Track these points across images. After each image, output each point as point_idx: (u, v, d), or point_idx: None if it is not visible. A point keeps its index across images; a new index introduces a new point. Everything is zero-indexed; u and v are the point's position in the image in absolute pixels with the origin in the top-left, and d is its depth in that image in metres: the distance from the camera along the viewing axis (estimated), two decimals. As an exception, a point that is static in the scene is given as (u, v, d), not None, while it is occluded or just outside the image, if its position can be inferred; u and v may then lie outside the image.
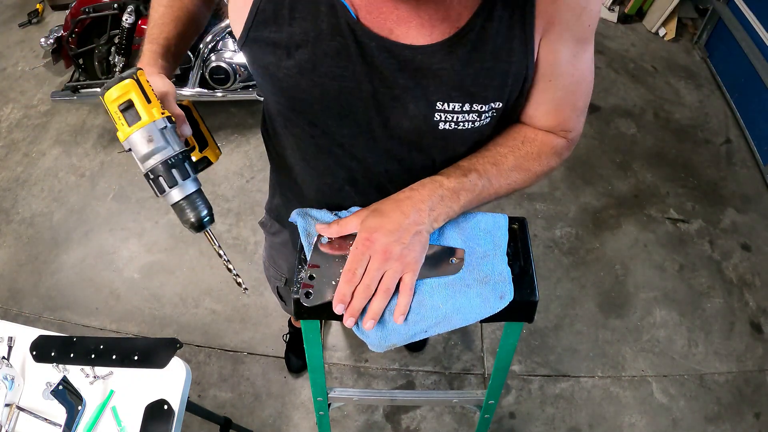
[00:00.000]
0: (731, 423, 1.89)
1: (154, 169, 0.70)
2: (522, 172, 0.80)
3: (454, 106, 0.71)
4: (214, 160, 0.90)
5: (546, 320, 2.12)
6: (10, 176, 2.62)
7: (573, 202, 2.50)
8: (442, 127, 0.73)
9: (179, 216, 0.73)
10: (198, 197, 0.73)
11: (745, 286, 2.25)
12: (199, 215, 0.73)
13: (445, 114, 0.72)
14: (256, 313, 2.13)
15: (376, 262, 0.71)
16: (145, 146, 0.69)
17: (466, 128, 0.74)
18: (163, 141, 0.69)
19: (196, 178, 0.73)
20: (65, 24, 2.41)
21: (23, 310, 2.16)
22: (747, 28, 2.82)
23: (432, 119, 0.73)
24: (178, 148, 0.70)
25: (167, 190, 0.71)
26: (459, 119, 0.72)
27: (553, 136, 0.81)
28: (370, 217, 0.74)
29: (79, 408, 1.05)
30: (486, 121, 0.74)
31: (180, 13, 0.85)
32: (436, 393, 1.88)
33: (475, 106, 0.71)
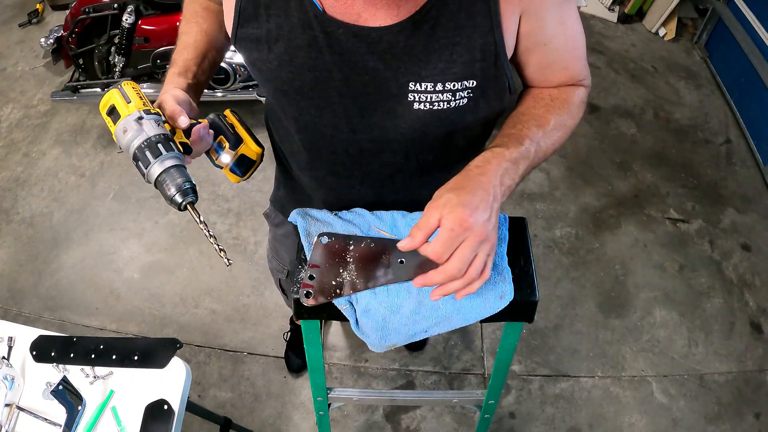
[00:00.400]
0: (731, 423, 1.89)
1: (133, 154, 0.73)
2: (561, 129, 0.80)
3: (426, 85, 0.73)
4: (254, 157, 0.91)
5: (546, 320, 2.12)
6: (10, 176, 2.62)
7: (573, 202, 2.50)
8: (417, 107, 0.75)
9: (163, 195, 0.74)
10: (176, 173, 0.73)
11: (745, 286, 2.25)
12: (179, 188, 0.73)
13: (418, 94, 0.73)
14: (256, 313, 2.13)
15: (471, 244, 0.65)
16: (122, 137, 0.74)
17: (442, 108, 0.75)
18: (136, 129, 0.72)
19: (176, 156, 0.74)
20: (65, 24, 2.41)
21: (23, 310, 2.16)
22: (747, 28, 2.82)
23: (405, 99, 0.74)
24: (152, 132, 0.72)
25: (144, 171, 0.73)
26: (433, 99, 0.74)
27: (572, 87, 0.83)
28: (458, 196, 0.67)
29: (79, 408, 1.05)
30: (462, 102, 0.75)
31: (198, 37, 0.89)
32: (436, 393, 1.88)
33: (447, 85, 0.73)
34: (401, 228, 0.86)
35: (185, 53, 0.87)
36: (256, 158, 0.91)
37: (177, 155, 0.74)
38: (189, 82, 0.84)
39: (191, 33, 0.89)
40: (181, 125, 0.77)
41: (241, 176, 0.93)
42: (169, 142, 0.74)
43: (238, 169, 0.91)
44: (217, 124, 0.89)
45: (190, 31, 0.90)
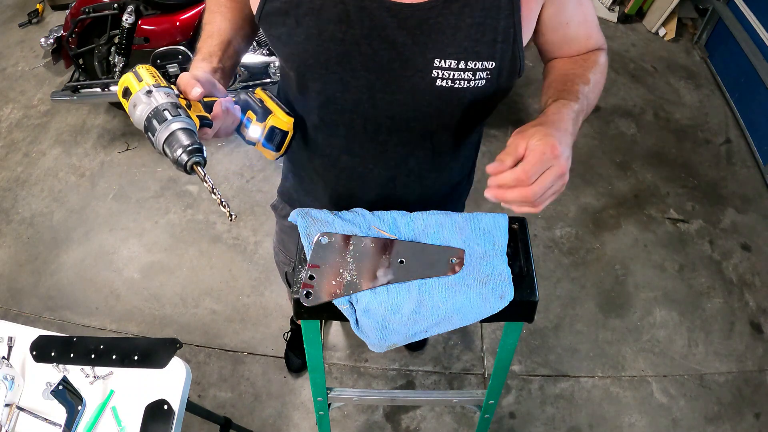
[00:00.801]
0: (731, 423, 1.89)
1: (144, 126, 0.73)
2: (597, 86, 0.87)
3: (450, 63, 0.77)
4: (285, 128, 0.88)
5: (546, 320, 2.12)
6: (10, 176, 2.62)
7: (573, 202, 2.50)
8: (439, 84, 0.78)
9: (170, 159, 0.74)
10: (183, 135, 0.72)
11: (745, 286, 2.25)
12: (184, 149, 0.71)
13: (442, 71, 0.77)
14: (256, 313, 2.13)
15: (555, 172, 0.68)
16: (134, 112, 0.74)
17: (461, 87, 0.79)
18: (145, 101, 0.73)
19: (183, 121, 0.73)
20: (65, 24, 2.40)
21: (23, 310, 2.16)
22: (747, 28, 2.82)
23: (429, 75, 0.78)
24: (161, 101, 0.73)
25: (153, 140, 0.73)
26: (455, 77, 0.78)
27: (597, 51, 0.91)
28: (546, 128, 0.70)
29: (79, 408, 1.05)
30: (480, 83, 0.79)
31: (222, 26, 0.90)
32: (436, 393, 1.88)
33: (469, 64, 0.77)
34: (401, 228, 0.86)
35: (209, 41, 0.88)
36: (288, 128, 0.89)
37: (185, 120, 0.73)
38: (213, 66, 0.85)
39: (215, 22, 0.90)
40: (193, 95, 0.76)
41: (275, 150, 0.90)
42: (178, 109, 0.73)
43: (270, 144, 0.89)
44: (244, 99, 0.88)
45: (214, 20, 0.91)
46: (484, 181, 0.72)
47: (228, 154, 2.65)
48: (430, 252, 0.81)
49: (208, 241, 2.34)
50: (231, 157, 2.63)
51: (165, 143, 0.72)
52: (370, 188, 0.99)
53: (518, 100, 2.90)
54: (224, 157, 2.63)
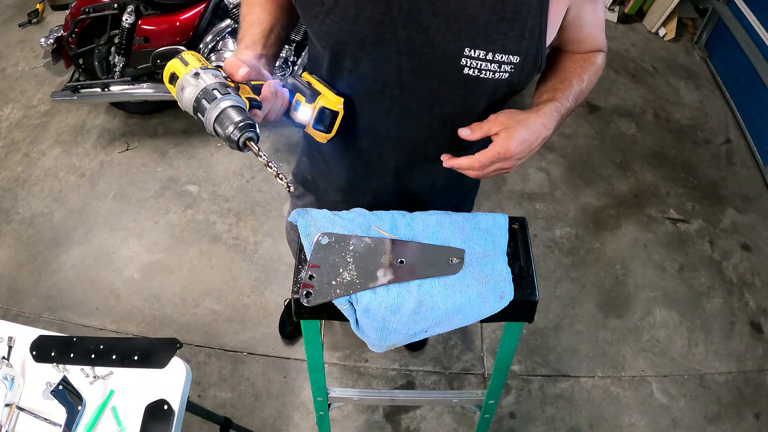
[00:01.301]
0: (731, 423, 1.89)
1: (192, 107, 0.74)
2: (590, 85, 0.95)
3: (479, 53, 0.80)
4: (335, 108, 0.88)
5: (546, 320, 2.12)
6: (10, 176, 2.62)
7: (573, 202, 2.50)
8: (467, 72, 0.82)
9: (222, 137, 0.74)
10: (234, 112, 0.72)
11: (745, 286, 2.25)
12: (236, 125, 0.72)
13: (471, 60, 0.81)
14: (256, 313, 2.13)
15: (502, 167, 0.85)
16: (181, 95, 0.75)
17: (487, 77, 0.82)
18: (193, 83, 0.74)
19: (233, 98, 0.73)
20: (65, 24, 2.40)
21: (23, 310, 2.16)
22: (747, 28, 2.82)
23: (459, 63, 0.81)
24: (209, 81, 0.73)
25: (203, 120, 0.73)
26: (482, 67, 0.81)
27: (597, 52, 0.98)
28: (517, 130, 0.83)
29: (79, 408, 1.05)
30: (504, 76, 0.83)
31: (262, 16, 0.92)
32: (436, 393, 1.88)
33: (496, 56, 0.80)
34: (401, 228, 0.86)
35: (251, 30, 0.90)
36: (338, 108, 0.89)
37: (234, 98, 0.73)
38: (257, 53, 0.86)
39: (254, 13, 0.92)
40: (239, 75, 0.77)
41: (326, 132, 0.90)
42: (227, 87, 0.74)
43: (320, 125, 0.89)
44: (292, 83, 0.89)
45: (253, 12, 0.92)
46: (483, 181, 0.72)
47: (228, 154, 2.64)
48: (430, 252, 0.81)
49: (208, 241, 2.34)
50: (231, 157, 2.63)
51: (216, 122, 0.72)
52: (387, 171, 1.02)
53: (518, 100, 2.87)
54: (224, 158, 2.63)
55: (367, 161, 1.01)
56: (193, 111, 0.74)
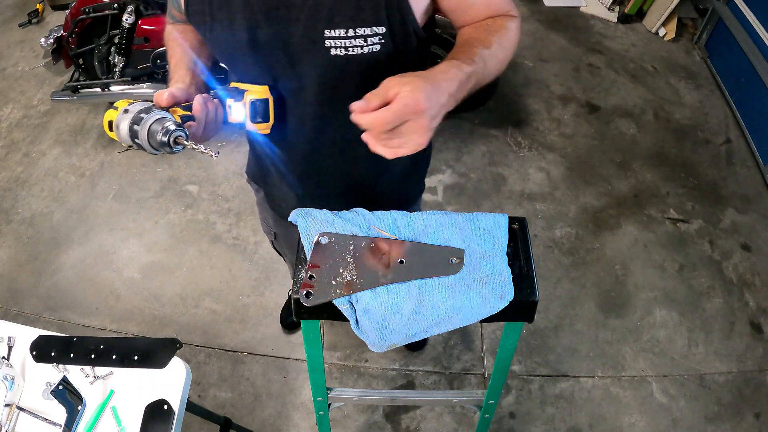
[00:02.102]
0: (731, 423, 1.89)
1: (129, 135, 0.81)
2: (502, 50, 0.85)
3: (339, 32, 0.82)
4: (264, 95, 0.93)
5: (546, 320, 2.12)
6: (10, 176, 2.62)
7: (573, 202, 2.50)
8: (334, 53, 0.84)
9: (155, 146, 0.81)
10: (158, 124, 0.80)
11: (745, 286, 2.25)
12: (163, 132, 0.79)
13: (334, 40, 0.83)
14: (256, 313, 2.13)
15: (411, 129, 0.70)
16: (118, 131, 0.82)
17: (356, 53, 0.84)
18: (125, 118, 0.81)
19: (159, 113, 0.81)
20: (65, 24, 2.41)
21: (23, 310, 2.16)
22: (747, 28, 2.82)
23: (324, 46, 0.83)
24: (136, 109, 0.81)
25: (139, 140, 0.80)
26: (347, 44, 0.83)
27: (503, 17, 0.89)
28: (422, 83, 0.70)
29: (79, 408, 1.05)
30: (375, 48, 0.84)
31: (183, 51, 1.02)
32: (436, 393, 1.88)
33: (358, 31, 0.82)
34: (401, 228, 0.86)
35: (177, 70, 0.98)
36: (266, 95, 0.93)
37: (160, 112, 0.81)
38: (187, 83, 0.94)
39: (176, 55, 1.02)
40: (164, 100, 0.85)
41: (265, 121, 0.95)
42: (154, 109, 0.81)
43: (257, 117, 0.93)
44: (221, 93, 0.94)
45: (175, 53, 1.02)
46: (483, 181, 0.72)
47: (228, 154, 2.65)
48: (430, 252, 0.81)
49: (208, 241, 2.34)
50: (231, 157, 2.63)
51: (149, 137, 0.79)
52: (298, 160, 1.07)
53: (518, 100, 2.90)
54: (224, 158, 2.63)
55: (282, 150, 1.06)
56: (131, 139, 0.81)
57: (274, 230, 1.41)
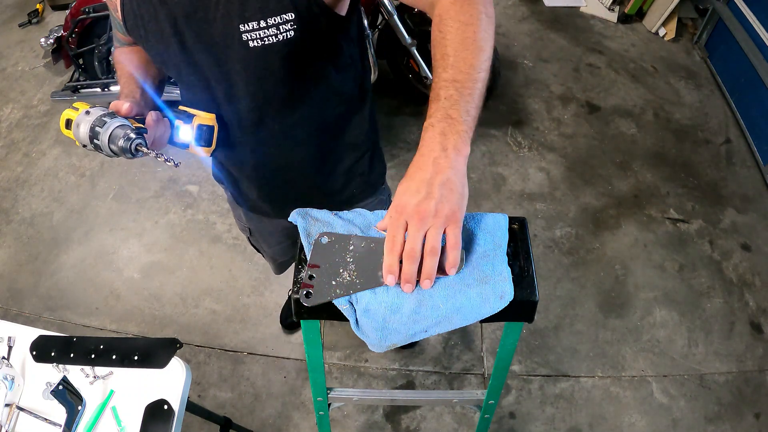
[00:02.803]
0: (731, 423, 1.89)
1: (89, 137, 0.87)
2: (470, 43, 0.74)
3: (252, 24, 0.85)
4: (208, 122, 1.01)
5: (546, 320, 2.12)
6: (10, 176, 2.62)
7: (573, 202, 2.50)
8: (252, 45, 0.87)
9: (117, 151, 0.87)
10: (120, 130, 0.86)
11: (745, 286, 2.25)
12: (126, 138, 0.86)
13: (249, 33, 0.86)
14: (256, 313, 2.13)
15: (413, 226, 0.67)
16: (77, 132, 0.88)
17: (272, 42, 0.87)
18: (86, 119, 0.87)
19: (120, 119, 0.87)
20: (65, 24, 2.41)
21: (23, 310, 2.16)
22: (747, 28, 2.82)
23: (241, 40, 0.87)
24: (98, 114, 0.87)
25: (99, 143, 0.86)
26: (262, 35, 0.86)
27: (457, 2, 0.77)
28: (399, 186, 0.70)
29: (79, 408, 1.05)
30: (290, 34, 0.86)
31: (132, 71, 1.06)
32: (436, 393, 1.88)
33: (269, 20, 0.85)
34: (401, 228, 0.86)
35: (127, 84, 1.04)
36: (212, 123, 1.01)
37: (122, 120, 0.87)
38: (137, 98, 1.00)
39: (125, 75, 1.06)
40: (123, 110, 0.90)
41: (207, 146, 1.03)
42: (113, 115, 0.87)
43: (201, 141, 1.01)
44: (169, 113, 1.01)
45: (124, 74, 1.07)
46: (483, 181, 0.72)
47: (228, 154, 2.64)
48: None
49: (208, 241, 2.34)
50: (231, 157, 2.63)
51: (109, 141, 0.86)
52: (246, 154, 1.10)
53: (518, 100, 2.90)
54: (224, 157, 2.63)
55: (228, 147, 1.08)
56: (90, 140, 0.87)
57: (248, 226, 1.44)
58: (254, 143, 1.07)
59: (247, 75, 0.93)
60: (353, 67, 1.05)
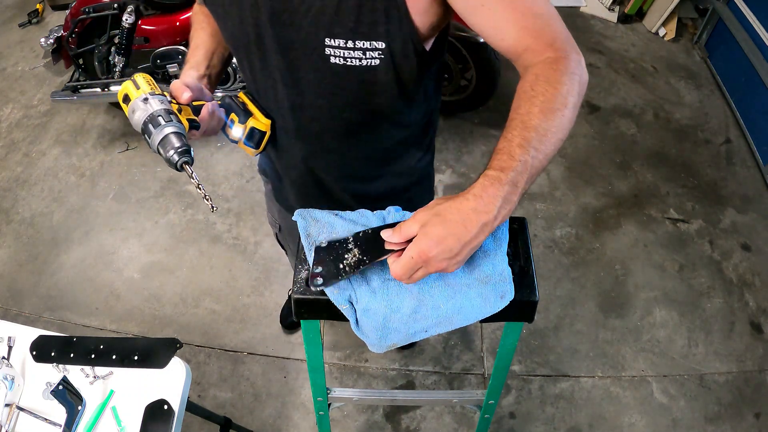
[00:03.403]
0: (731, 423, 1.89)
1: (141, 129, 0.85)
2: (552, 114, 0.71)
3: (339, 41, 0.82)
4: (263, 128, 1.00)
5: (546, 320, 2.12)
6: (10, 176, 2.62)
7: (573, 202, 2.50)
8: (333, 61, 0.85)
9: (163, 158, 0.86)
10: (174, 138, 0.84)
11: (745, 286, 2.25)
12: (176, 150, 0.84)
13: (333, 49, 0.83)
14: (256, 313, 2.13)
15: (426, 272, 0.70)
16: (132, 117, 0.86)
17: (355, 65, 0.84)
18: (143, 107, 0.84)
19: (174, 125, 0.85)
20: (65, 24, 2.40)
21: (23, 310, 2.16)
22: (747, 28, 2.82)
23: (324, 53, 0.84)
24: (156, 107, 0.84)
25: (149, 141, 0.85)
26: (346, 55, 0.83)
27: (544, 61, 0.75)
28: (432, 226, 0.67)
29: (79, 408, 1.05)
30: (374, 62, 0.84)
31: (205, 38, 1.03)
32: (436, 393, 1.88)
33: (357, 43, 0.82)
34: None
35: (195, 53, 1.01)
36: (266, 129, 1.00)
37: (176, 125, 0.85)
38: (200, 73, 0.98)
39: (199, 36, 1.04)
40: (182, 100, 0.89)
41: (254, 148, 1.02)
42: (170, 115, 0.85)
43: (250, 142, 1.00)
44: (228, 103, 0.99)
45: (198, 35, 1.04)
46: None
47: (228, 154, 2.65)
48: None
49: (208, 241, 2.35)
50: (231, 157, 2.63)
51: (159, 144, 0.84)
52: (295, 160, 1.08)
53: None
54: (224, 157, 2.63)
55: (279, 149, 1.07)
56: (141, 132, 0.85)
57: (279, 223, 1.43)
58: (306, 153, 1.05)
59: (320, 87, 0.91)
60: (426, 101, 1.03)
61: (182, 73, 0.98)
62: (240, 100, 1.00)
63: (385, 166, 1.10)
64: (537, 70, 0.74)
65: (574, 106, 0.73)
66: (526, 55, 0.77)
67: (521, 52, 0.78)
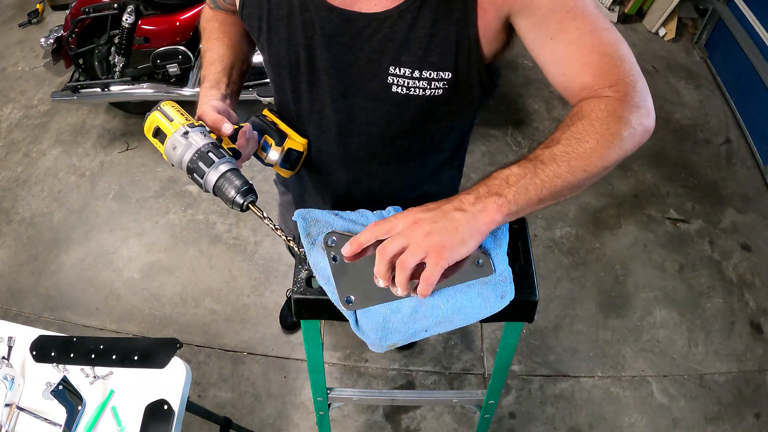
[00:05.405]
0: (731, 423, 1.89)
1: (187, 168, 0.78)
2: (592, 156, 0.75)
3: (405, 71, 0.79)
4: (301, 149, 0.95)
5: (546, 320, 2.12)
6: (10, 176, 2.62)
7: (573, 202, 2.50)
8: (395, 90, 0.81)
9: (223, 199, 0.78)
10: (233, 176, 0.77)
11: (745, 286, 2.25)
12: (238, 190, 0.77)
13: (397, 78, 0.80)
14: (256, 313, 2.13)
15: (401, 233, 0.67)
16: (173, 154, 0.78)
17: (417, 94, 0.81)
18: (184, 143, 0.77)
19: (228, 161, 0.78)
20: (65, 24, 2.40)
21: (23, 310, 2.16)
22: (747, 28, 2.82)
23: (385, 82, 0.81)
24: (201, 143, 0.78)
25: (201, 181, 0.78)
26: (410, 84, 0.80)
27: (596, 98, 0.74)
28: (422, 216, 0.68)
29: (79, 408, 1.05)
30: (437, 92, 0.81)
31: (222, 51, 0.96)
32: (436, 393, 1.88)
33: (424, 73, 0.79)
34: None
35: (213, 68, 0.93)
36: (303, 149, 0.95)
37: (229, 160, 0.78)
38: (222, 93, 0.90)
39: (215, 49, 0.96)
40: (225, 132, 0.82)
41: (291, 170, 0.98)
42: (219, 149, 0.78)
43: (286, 164, 0.95)
44: (259, 125, 0.93)
45: (214, 47, 0.96)
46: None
47: (228, 154, 2.64)
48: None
49: (208, 241, 2.34)
50: (231, 157, 2.63)
51: (216, 185, 0.77)
52: (337, 186, 1.04)
53: (518, 100, 2.90)
54: (224, 157, 2.63)
55: (319, 173, 1.03)
56: (188, 171, 0.78)
57: (295, 234, 1.39)
58: (350, 179, 1.01)
59: (375, 115, 0.87)
60: (471, 124, 1.02)
61: (202, 92, 0.90)
62: (269, 120, 0.94)
63: (420, 186, 1.08)
64: (583, 103, 0.74)
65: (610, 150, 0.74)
66: (582, 93, 0.76)
67: (578, 91, 0.76)
